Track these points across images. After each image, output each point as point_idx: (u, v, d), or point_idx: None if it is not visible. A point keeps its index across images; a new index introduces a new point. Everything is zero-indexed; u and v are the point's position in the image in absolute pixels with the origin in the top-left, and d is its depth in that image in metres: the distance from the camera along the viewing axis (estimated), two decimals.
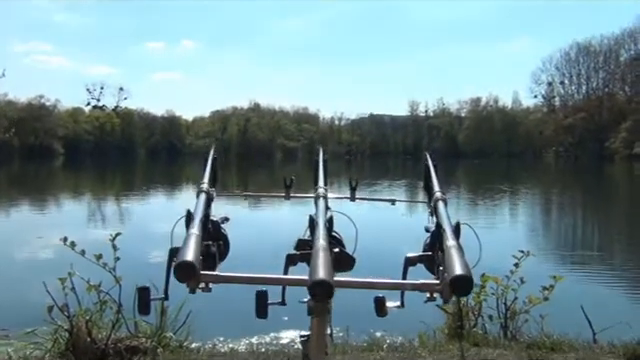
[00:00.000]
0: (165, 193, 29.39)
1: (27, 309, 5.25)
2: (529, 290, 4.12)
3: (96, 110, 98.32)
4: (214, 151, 2.23)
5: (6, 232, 12.94)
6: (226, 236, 1.78)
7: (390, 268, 1.68)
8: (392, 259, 1.87)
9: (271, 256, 2.14)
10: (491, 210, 19.33)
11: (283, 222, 4.93)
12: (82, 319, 3.46)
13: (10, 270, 9.05)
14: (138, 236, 13.50)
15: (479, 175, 47.99)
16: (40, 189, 30.20)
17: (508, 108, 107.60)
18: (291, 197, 2.48)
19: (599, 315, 4.72)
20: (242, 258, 2.06)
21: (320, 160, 2.43)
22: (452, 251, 1.33)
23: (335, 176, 30.90)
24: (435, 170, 2.15)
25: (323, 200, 1.84)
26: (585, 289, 7.73)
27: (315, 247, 1.36)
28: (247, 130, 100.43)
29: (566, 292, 7.50)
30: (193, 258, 1.29)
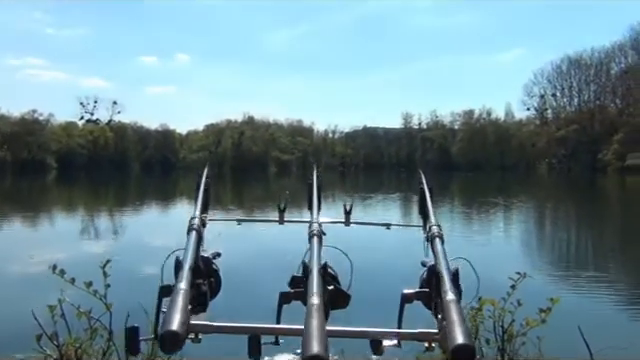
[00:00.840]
0: (159, 208, 29.27)
1: (15, 335, 5.14)
2: (525, 309, 4.09)
3: (90, 124, 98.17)
4: (206, 173, 2.19)
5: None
6: (218, 272, 1.74)
7: (387, 301, 1.65)
8: (388, 290, 1.84)
9: (264, 287, 2.10)
10: (486, 225, 19.33)
11: (277, 242, 4.91)
12: (72, 347, 3.38)
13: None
14: (131, 253, 13.42)
15: (473, 188, 48.10)
16: (33, 205, 30.03)
17: (501, 120, 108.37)
18: (285, 222, 2.44)
19: (596, 335, 4.68)
20: (234, 290, 2.01)
21: (314, 183, 2.39)
22: (452, 313, 1.28)
23: (330, 189, 30.88)
24: (431, 194, 2.12)
25: (317, 239, 1.79)
26: (581, 308, 7.70)
27: (308, 307, 1.31)
28: (241, 143, 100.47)
29: (562, 311, 7.46)
30: (178, 327, 1.22)
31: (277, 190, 45.40)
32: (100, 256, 11.86)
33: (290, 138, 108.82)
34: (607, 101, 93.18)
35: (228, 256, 1.80)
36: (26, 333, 5.51)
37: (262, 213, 24.09)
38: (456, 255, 1.63)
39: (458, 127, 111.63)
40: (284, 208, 2.42)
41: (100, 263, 3.05)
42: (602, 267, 11.62)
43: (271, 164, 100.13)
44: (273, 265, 5.39)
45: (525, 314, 4.17)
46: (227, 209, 27.25)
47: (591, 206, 26.63)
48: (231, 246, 3.37)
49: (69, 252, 14.08)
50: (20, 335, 6.05)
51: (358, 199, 32.29)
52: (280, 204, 2.40)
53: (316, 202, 2.24)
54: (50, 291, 3.71)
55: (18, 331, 6.58)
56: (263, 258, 5.67)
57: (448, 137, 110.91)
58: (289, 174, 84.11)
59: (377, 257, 5.39)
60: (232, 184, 57.25)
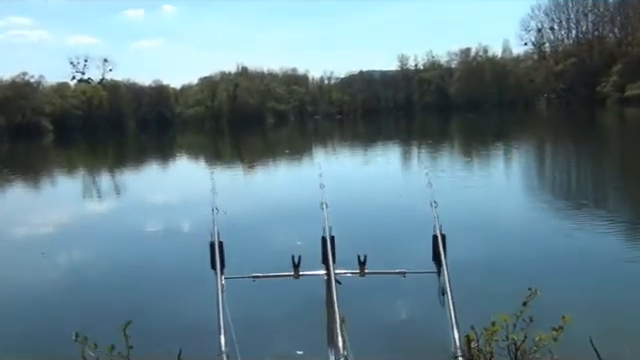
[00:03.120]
0: (158, 165, 29.26)
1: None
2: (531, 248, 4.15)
3: (82, 84, 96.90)
4: (217, 231, 2.32)
5: None
6: None
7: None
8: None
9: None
10: (486, 174, 19.38)
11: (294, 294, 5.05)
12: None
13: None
14: (134, 212, 13.58)
15: (471, 131, 47.90)
16: (33, 168, 30.07)
17: (498, 57, 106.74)
18: (300, 276, 2.48)
19: (608, 345, 4.72)
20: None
21: (327, 235, 2.45)
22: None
23: (329, 138, 30.76)
24: (443, 241, 2.22)
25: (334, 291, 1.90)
26: (592, 315, 7.81)
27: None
28: (237, 96, 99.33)
29: (573, 321, 7.58)
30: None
31: (275, 142, 45.31)
32: (104, 216, 12.00)
33: (285, 87, 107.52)
34: (605, 31, 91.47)
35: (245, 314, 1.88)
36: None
37: (263, 168, 24.16)
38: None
39: (455, 66, 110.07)
40: (298, 263, 2.44)
41: (120, 325, 3.05)
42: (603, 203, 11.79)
43: (268, 115, 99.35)
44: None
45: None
46: (229, 164, 27.33)
47: (592, 144, 26.52)
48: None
49: (74, 216, 14.26)
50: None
51: (359, 149, 32.31)
52: (294, 258, 2.43)
53: (330, 254, 2.30)
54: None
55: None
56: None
57: (445, 77, 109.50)
58: (286, 124, 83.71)
59: (394, 307, 5.51)
60: (230, 138, 57.09)
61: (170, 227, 11.20)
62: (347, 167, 20.82)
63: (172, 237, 10.15)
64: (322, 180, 6.38)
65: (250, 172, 21.60)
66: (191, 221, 11.23)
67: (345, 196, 11.11)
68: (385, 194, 13.02)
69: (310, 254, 2.75)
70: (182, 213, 12.64)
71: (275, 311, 5.86)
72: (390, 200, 11.85)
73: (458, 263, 2.47)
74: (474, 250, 7.22)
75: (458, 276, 2.18)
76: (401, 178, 17.14)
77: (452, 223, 2.34)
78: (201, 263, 2.31)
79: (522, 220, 9.41)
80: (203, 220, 2.57)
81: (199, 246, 2.48)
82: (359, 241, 7.01)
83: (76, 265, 8.89)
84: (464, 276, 3.15)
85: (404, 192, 12.56)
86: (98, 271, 8.32)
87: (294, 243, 7.77)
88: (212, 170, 7.41)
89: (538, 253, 7.59)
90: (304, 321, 4.43)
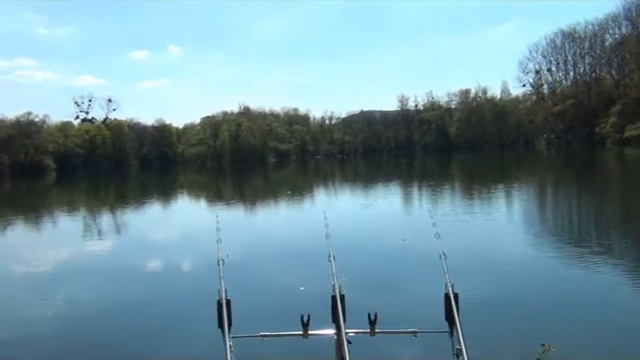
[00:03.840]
0: (160, 204, 29.22)
1: None
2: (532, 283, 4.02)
3: (86, 123, 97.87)
4: (225, 292, 2.32)
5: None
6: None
7: None
8: None
9: None
10: (488, 212, 19.35)
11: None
12: None
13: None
14: (134, 250, 13.45)
15: (473, 172, 48.02)
16: (34, 207, 30.02)
17: (497, 98, 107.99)
18: (310, 335, 2.46)
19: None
20: None
21: (337, 294, 2.44)
22: None
23: (330, 177, 30.78)
24: (456, 300, 2.23)
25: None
26: (587, 285, 7.80)
27: None
28: (239, 135, 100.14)
29: (567, 290, 7.51)
30: None
31: (277, 182, 45.41)
32: (103, 254, 11.86)
33: (287, 127, 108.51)
34: (603, 73, 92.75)
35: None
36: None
37: (263, 207, 24.15)
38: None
39: (455, 107, 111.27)
40: (307, 322, 2.42)
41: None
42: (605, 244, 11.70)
43: (269, 154, 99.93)
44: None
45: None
46: (229, 203, 27.30)
47: (595, 186, 26.56)
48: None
49: (73, 254, 14.14)
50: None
51: (359, 189, 32.36)
52: (303, 317, 2.42)
53: (341, 314, 2.29)
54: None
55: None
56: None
57: (445, 118, 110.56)
58: (288, 163, 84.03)
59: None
60: (232, 177, 57.26)
61: (171, 271, 11.09)
62: (350, 210, 20.77)
63: (173, 282, 10.01)
64: (328, 230, 6.33)
65: (252, 214, 21.54)
66: (194, 266, 11.12)
67: (350, 243, 11.07)
68: (390, 239, 12.94)
69: (318, 307, 2.70)
70: (183, 256, 12.54)
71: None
72: (396, 246, 11.76)
73: (468, 315, 2.42)
74: (483, 302, 7.11)
75: (469, 332, 2.14)
76: (404, 221, 17.07)
77: (459, 272, 2.30)
78: (205, 313, 2.25)
79: (530, 267, 9.33)
80: (206, 264, 2.54)
81: (203, 298, 2.44)
82: (367, 295, 6.95)
83: (72, 313, 8.70)
84: (475, 332, 3.08)
85: (408, 236, 12.53)
86: (94, 323, 8.06)
87: (302, 296, 7.68)
88: (217, 218, 7.27)
89: (548, 302, 7.48)
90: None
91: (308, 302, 7.09)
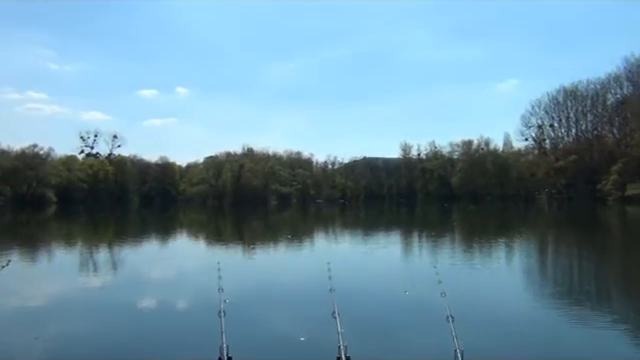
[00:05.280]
0: (158, 242, 29.00)
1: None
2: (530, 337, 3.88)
3: (90, 158, 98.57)
4: (227, 348, 2.29)
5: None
6: None
7: None
8: None
9: None
10: (489, 266, 19.17)
11: None
12: None
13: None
14: (130, 288, 13.18)
15: (475, 223, 47.90)
16: (31, 239, 29.82)
17: (500, 150, 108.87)
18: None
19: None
20: None
21: (342, 356, 2.41)
22: None
23: (330, 223, 30.67)
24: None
25: None
26: (583, 341, 7.62)
27: None
28: (241, 176, 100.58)
29: (568, 344, 7.31)
30: None
31: (277, 224, 45.22)
32: (96, 292, 11.68)
33: (290, 170, 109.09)
34: (604, 131, 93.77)
35: None
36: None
37: (263, 251, 23.92)
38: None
39: (457, 157, 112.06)
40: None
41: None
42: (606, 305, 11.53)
43: (271, 197, 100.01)
44: None
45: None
46: (228, 245, 27.08)
47: (597, 243, 26.40)
48: None
49: (66, 289, 13.90)
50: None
51: (359, 237, 32.14)
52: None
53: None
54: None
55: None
56: None
57: (447, 167, 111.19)
58: (289, 207, 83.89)
59: None
60: (232, 217, 57.06)
61: (168, 316, 10.84)
62: (350, 258, 20.56)
63: (171, 328, 9.76)
64: (333, 283, 6.21)
65: (252, 258, 21.30)
66: (192, 314, 10.88)
67: (351, 294, 10.91)
68: (392, 290, 12.73)
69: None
70: (181, 300, 12.31)
71: None
72: (400, 299, 11.56)
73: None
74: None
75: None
76: (405, 271, 16.86)
77: (464, 332, 2.19)
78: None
79: (535, 327, 9.13)
80: (204, 310, 2.43)
81: (203, 349, 2.34)
82: (372, 354, 6.77)
83: (61, 353, 8.47)
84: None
85: (409, 287, 12.36)
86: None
87: (306, 353, 7.48)
88: (218, 265, 7.16)
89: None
90: None
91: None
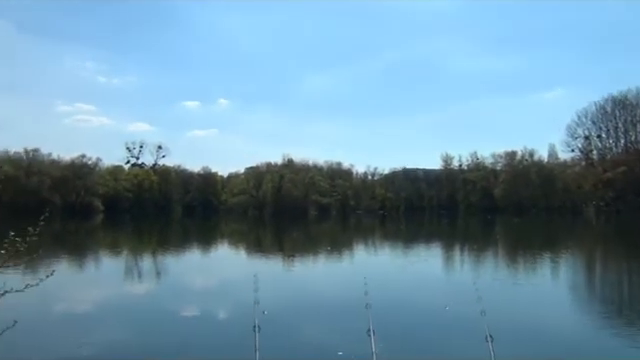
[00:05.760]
0: (200, 251, 29.48)
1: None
2: None
3: (135, 168, 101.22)
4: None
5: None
6: None
7: None
8: None
9: None
10: (536, 285, 18.65)
11: None
12: None
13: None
14: (172, 295, 13.47)
15: (519, 236, 46.68)
16: (80, 247, 30.86)
17: (545, 161, 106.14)
18: None
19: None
20: None
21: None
22: None
23: (370, 235, 30.40)
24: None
25: None
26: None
27: None
28: (281, 187, 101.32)
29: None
30: None
31: (317, 236, 45.28)
32: (139, 299, 11.96)
33: (329, 181, 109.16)
34: None
35: None
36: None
37: (302, 263, 23.98)
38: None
39: (500, 168, 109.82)
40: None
41: None
42: None
43: (311, 207, 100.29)
44: None
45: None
46: (268, 256, 27.28)
47: None
48: None
49: (111, 296, 14.32)
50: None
51: (399, 250, 31.84)
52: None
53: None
54: None
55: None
56: None
57: (490, 179, 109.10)
58: (329, 218, 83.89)
59: None
60: (272, 228, 57.48)
61: (205, 325, 11.00)
62: (389, 271, 20.39)
63: (207, 338, 9.90)
64: (369, 298, 6.17)
65: (291, 269, 21.41)
66: (228, 325, 11.00)
67: (389, 309, 10.83)
68: (431, 306, 12.56)
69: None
70: (219, 311, 12.48)
71: None
72: (438, 315, 11.38)
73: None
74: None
75: None
76: (446, 286, 16.58)
77: (505, 352, 2.13)
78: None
79: (580, 350, 8.82)
80: (241, 324, 2.42)
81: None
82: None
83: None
84: None
85: (450, 302, 12.15)
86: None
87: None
88: (255, 278, 7.21)
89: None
90: None
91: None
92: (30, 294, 4.57)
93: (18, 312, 5.97)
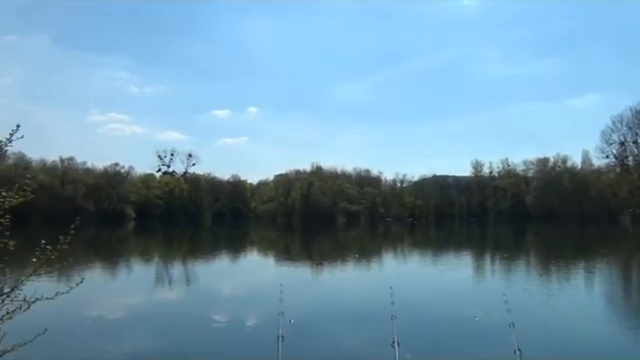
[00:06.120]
0: (229, 259, 29.73)
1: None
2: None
3: (166, 176, 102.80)
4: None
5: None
6: None
7: None
8: None
9: None
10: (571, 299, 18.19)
11: None
12: None
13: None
14: (202, 301, 13.62)
15: (552, 245, 45.70)
16: (113, 254, 31.50)
17: (578, 168, 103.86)
18: None
19: None
20: None
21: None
22: None
23: (399, 242, 30.15)
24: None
25: None
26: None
27: None
28: (310, 194, 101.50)
29: None
30: None
31: (345, 243, 45.17)
32: (167, 305, 12.10)
33: (358, 188, 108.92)
34: None
35: None
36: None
37: (330, 271, 23.94)
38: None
39: (532, 175, 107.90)
40: None
41: None
42: None
43: (339, 215, 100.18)
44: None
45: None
46: (296, 263, 27.32)
47: None
48: None
49: (141, 301, 14.57)
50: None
51: (429, 258, 31.50)
52: None
53: None
54: None
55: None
56: None
57: (521, 186, 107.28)
58: (357, 225, 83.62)
59: None
60: (301, 235, 57.60)
61: (231, 333, 11.07)
62: (418, 280, 20.22)
63: (232, 346, 9.96)
64: (394, 309, 6.12)
65: (318, 277, 21.40)
66: (253, 336, 11.02)
67: (416, 320, 10.70)
68: (459, 316, 12.36)
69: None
70: (244, 319, 12.55)
71: None
72: (466, 326, 11.19)
73: None
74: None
75: None
76: (473, 297, 16.23)
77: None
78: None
79: None
80: (263, 330, 2.40)
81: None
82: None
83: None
84: None
85: (479, 312, 11.93)
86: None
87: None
88: (281, 287, 7.22)
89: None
90: None
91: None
92: (62, 300, 4.67)
93: (49, 318, 6.11)
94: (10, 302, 4.20)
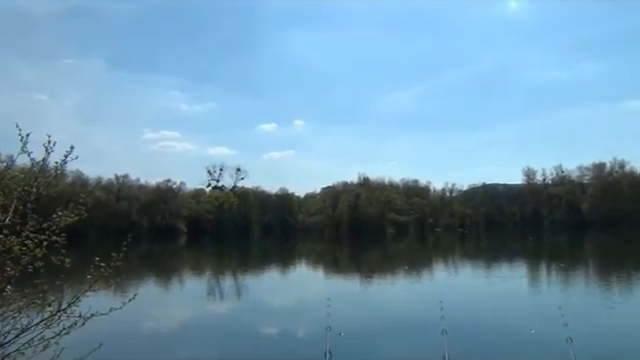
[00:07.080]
0: (279, 272, 29.90)
1: None
2: None
3: (216, 190, 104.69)
4: None
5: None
6: None
7: None
8: None
9: None
10: None
11: None
12: None
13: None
14: (252, 315, 13.74)
15: (611, 254, 43.80)
16: (166, 268, 32.27)
17: (637, 173, 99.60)
18: None
19: None
20: None
21: None
22: None
23: (450, 253, 29.60)
24: None
25: None
26: None
27: None
28: (357, 206, 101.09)
29: None
30: None
31: (394, 255, 44.69)
32: (219, 317, 12.23)
33: (406, 199, 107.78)
34: None
35: None
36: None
37: (378, 284, 23.69)
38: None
39: (587, 182, 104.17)
40: None
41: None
42: None
43: (388, 226, 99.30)
44: None
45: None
46: (345, 276, 27.21)
47: None
48: None
49: (193, 313, 14.83)
50: None
51: (480, 270, 30.71)
52: None
53: None
54: None
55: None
56: None
57: (577, 192, 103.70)
58: (406, 236, 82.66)
59: None
60: (349, 248, 57.38)
61: (278, 347, 11.09)
62: (470, 292, 19.73)
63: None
64: (445, 324, 5.97)
65: (367, 290, 21.24)
66: (299, 347, 11.02)
67: (469, 335, 10.43)
68: (510, 332, 11.99)
69: None
70: (291, 332, 12.57)
71: None
72: (518, 344, 10.82)
73: None
74: None
75: None
76: (528, 311, 15.66)
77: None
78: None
79: None
80: (311, 345, 2.38)
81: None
82: None
83: None
84: None
85: (534, 326, 11.53)
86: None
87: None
88: (328, 302, 7.19)
89: None
90: None
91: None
92: (117, 315, 4.79)
93: (105, 334, 6.29)
94: (67, 318, 4.35)
